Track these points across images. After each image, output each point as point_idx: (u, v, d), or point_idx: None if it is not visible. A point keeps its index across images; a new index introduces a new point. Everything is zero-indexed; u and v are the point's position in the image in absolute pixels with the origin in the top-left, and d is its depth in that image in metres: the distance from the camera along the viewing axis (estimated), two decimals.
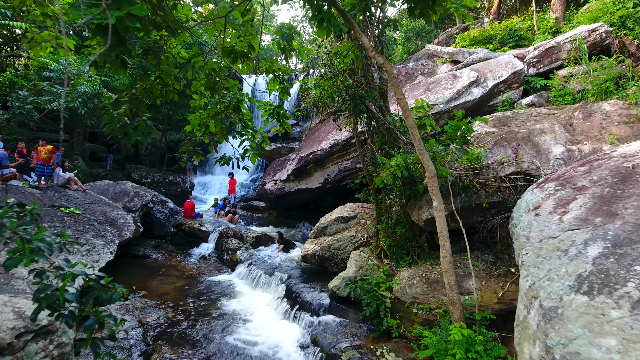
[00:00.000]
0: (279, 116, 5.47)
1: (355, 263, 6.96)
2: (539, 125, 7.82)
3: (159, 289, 8.35)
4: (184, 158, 4.36)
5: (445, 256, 4.61)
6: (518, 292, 5.50)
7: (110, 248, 7.60)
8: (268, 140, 5.63)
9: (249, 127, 5.45)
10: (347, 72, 6.67)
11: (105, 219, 8.53)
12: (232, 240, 10.65)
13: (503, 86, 10.61)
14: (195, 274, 9.39)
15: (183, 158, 4.36)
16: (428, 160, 4.56)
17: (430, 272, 6.18)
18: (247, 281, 8.48)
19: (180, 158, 4.35)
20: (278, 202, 13.33)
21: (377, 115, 6.60)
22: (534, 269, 3.69)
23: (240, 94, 5.23)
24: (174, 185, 16.54)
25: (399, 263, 6.98)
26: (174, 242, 12.00)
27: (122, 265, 9.95)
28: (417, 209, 6.77)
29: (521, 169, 6.58)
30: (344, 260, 7.88)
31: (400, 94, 4.57)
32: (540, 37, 15.16)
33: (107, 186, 11.53)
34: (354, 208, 9.28)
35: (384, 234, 7.34)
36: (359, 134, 7.15)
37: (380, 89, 7.05)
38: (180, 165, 4.37)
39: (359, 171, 11.31)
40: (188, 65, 5.21)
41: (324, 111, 7.73)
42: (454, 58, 13.16)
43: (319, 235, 8.56)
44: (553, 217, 4.01)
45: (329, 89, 6.67)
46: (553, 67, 11.31)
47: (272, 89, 5.50)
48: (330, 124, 12.85)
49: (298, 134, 18.07)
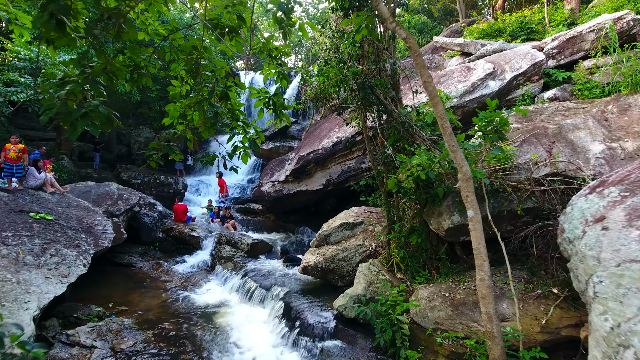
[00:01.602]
0: (275, 106, 4.54)
1: (364, 278, 6.03)
2: (569, 121, 6.91)
3: (141, 304, 7.40)
4: (153, 156, 3.43)
5: (483, 279, 3.69)
6: (564, 318, 4.60)
7: (84, 260, 6.65)
8: (263, 135, 4.70)
9: (239, 119, 4.52)
10: (355, 57, 5.75)
11: (81, 226, 7.57)
12: (226, 247, 9.71)
13: (522, 79, 9.70)
14: (184, 286, 8.44)
15: (153, 156, 3.43)
16: (462, 159, 3.64)
17: (454, 290, 5.25)
18: (241, 295, 7.55)
19: (149, 156, 3.42)
20: (276, 205, 12.39)
21: (390, 107, 5.68)
22: (615, 304, 2.76)
23: (230, 78, 4.29)
24: (165, 186, 15.57)
25: (414, 278, 6.06)
26: (162, 249, 11.04)
27: (104, 275, 9.00)
28: (436, 216, 5.85)
29: (557, 169, 5.67)
30: (349, 273, 6.96)
31: (427, 76, 3.65)
32: (555, 29, 14.32)
33: (89, 188, 10.58)
34: (360, 213, 8.36)
35: (396, 244, 6.42)
36: (368, 130, 6.22)
37: (392, 78, 6.12)
38: (150, 165, 3.44)
39: (365, 172, 10.39)
40: (165, 44, 4.27)
41: (327, 104, 6.80)
42: (465, 50, 12.25)
43: (322, 244, 7.63)
44: (630, 233, 3.08)
45: (334, 77, 5.73)
46: (575, 59, 10.41)
47: (268, 73, 4.57)
48: (332, 121, 11.91)
49: (297, 132, 17.14)
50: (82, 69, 3.03)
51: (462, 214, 5.58)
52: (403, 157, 4.74)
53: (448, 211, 5.71)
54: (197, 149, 3.55)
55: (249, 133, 4.68)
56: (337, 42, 6.29)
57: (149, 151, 3.45)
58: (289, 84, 4.16)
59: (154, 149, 3.46)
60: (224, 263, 9.19)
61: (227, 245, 9.73)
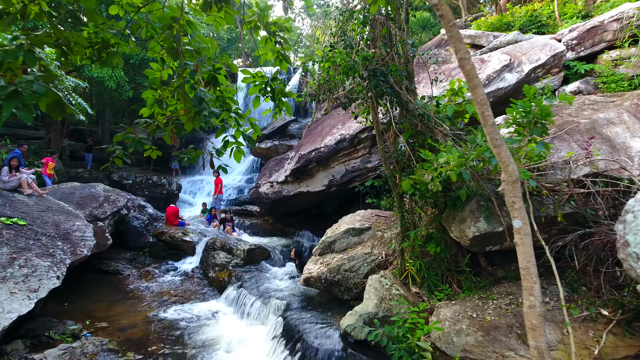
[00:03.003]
0: (274, 93, 3.80)
1: (375, 293, 5.28)
2: (602, 115, 6.18)
3: (124, 319, 6.64)
4: (117, 152, 2.68)
5: (534, 305, 2.95)
6: (620, 347, 3.87)
7: (58, 271, 5.89)
8: (259, 128, 3.96)
9: (231, 108, 3.77)
10: (366, 40, 5.00)
11: (57, 232, 6.81)
12: (220, 253, 8.96)
13: (541, 71, 8.97)
14: (173, 298, 7.68)
15: (116, 152, 2.68)
16: (508, 156, 2.90)
17: (482, 310, 4.51)
18: (236, 309, 6.80)
19: (112, 153, 2.68)
20: (274, 207, 11.63)
21: (405, 97, 4.93)
22: None
23: (219, 58, 3.54)
24: (158, 187, 14.81)
25: (432, 293, 5.33)
26: (152, 254, 10.27)
27: (86, 285, 8.24)
28: (458, 223, 5.11)
29: (597, 168, 4.93)
30: (357, 285, 6.21)
31: (464, 51, 2.91)
32: (569, 21, 13.63)
33: (73, 189, 9.80)
34: (367, 217, 7.62)
35: (410, 253, 5.67)
36: (379, 124, 5.48)
37: (405, 65, 5.37)
38: (115, 162, 2.69)
39: (370, 172, 9.64)
40: (140, 17, 3.52)
41: (332, 96, 6.05)
42: (476, 42, 11.52)
43: (325, 252, 6.88)
44: None
45: (342, 62, 4.99)
46: (596, 50, 9.70)
47: (264, 54, 3.82)
48: (335, 117, 11.16)
49: (297, 130, 16.38)
50: (14, 36, 2.28)
51: (489, 220, 4.85)
52: (428, 154, 3.98)
53: (472, 217, 4.97)
54: (176, 143, 2.79)
55: (242, 126, 3.94)
56: (344, 25, 5.55)
57: (112, 146, 2.70)
58: (290, 65, 3.34)
59: (119, 143, 2.71)
60: (218, 271, 8.43)
61: (222, 252, 8.97)
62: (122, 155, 2.67)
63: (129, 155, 2.73)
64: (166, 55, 3.68)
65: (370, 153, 9.64)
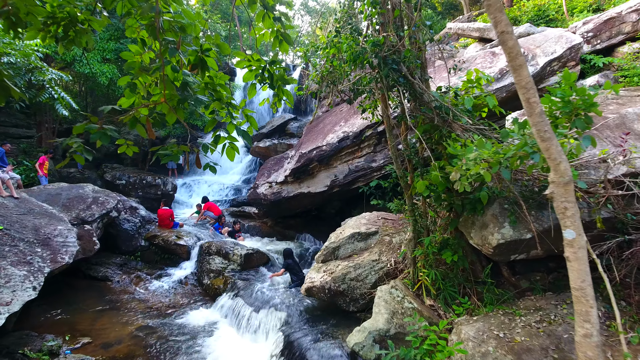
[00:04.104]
0: (273, 80, 3.25)
1: (385, 306, 4.74)
2: (631, 109, 5.66)
3: (110, 332, 6.09)
4: (74, 146, 2.14)
5: (590, 334, 2.42)
6: None
7: (35, 281, 5.34)
8: (255, 121, 3.42)
9: (222, 97, 3.23)
10: (376, 24, 4.46)
11: (37, 237, 6.25)
12: (215, 258, 8.41)
13: (557, 64, 8.45)
14: (164, 308, 7.13)
15: (74, 146, 2.14)
16: (559, 152, 2.37)
17: (509, 328, 3.97)
18: (232, 322, 6.25)
19: (68, 149, 2.13)
20: (273, 209, 11.07)
21: (419, 88, 4.39)
22: None
23: (207, 37, 2.99)
24: (152, 187, 14.23)
25: (448, 306, 4.79)
26: (144, 259, 9.71)
27: (73, 292, 7.71)
28: (479, 228, 4.57)
29: (635, 167, 4.40)
30: (363, 296, 5.68)
31: (505, 24, 2.37)
32: (580, 15, 13.13)
33: (60, 190, 9.24)
34: (373, 220, 7.08)
35: (424, 262, 5.14)
36: (390, 118, 4.94)
37: (418, 53, 4.83)
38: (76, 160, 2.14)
39: (375, 171, 9.10)
40: None
41: (335, 89, 5.51)
42: (485, 35, 11.00)
43: (329, 259, 6.33)
44: None
45: (349, 49, 4.44)
46: (613, 43, 9.19)
47: (261, 34, 3.28)
48: (337, 114, 10.62)
49: (297, 129, 15.83)
50: None
51: (516, 226, 4.32)
52: (457, 147, 3.42)
53: (495, 222, 4.44)
54: (152, 136, 2.24)
55: (236, 119, 3.40)
56: (349, 9, 5.00)
57: (70, 139, 2.15)
58: (291, 45, 2.80)
59: (78, 136, 2.16)
60: (213, 278, 7.88)
61: (217, 257, 8.42)
62: (81, 150, 2.12)
63: (90, 151, 2.19)
64: (148, 36, 3.15)
65: (374, 152, 9.10)
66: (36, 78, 8.36)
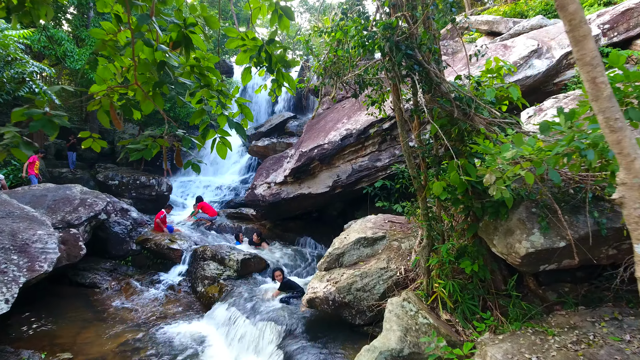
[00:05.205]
0: (271, 62, 2.74)
1: (397, 322, 4.23)
2: None
3: (92, 348, 5.58)
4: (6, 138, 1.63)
5: None
6: None
7: (8, 293, 4.82)
8: (250, 112, 2.91)
9: (210, 83, 2.72)
10: (387, 4, 3.95)
11: (14, 243, 5.72)
12: (210, 264, 7.89)
13: (573, 57, 7.95)
14: (155, 319, 6.61)
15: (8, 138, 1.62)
16: (633, 146, 1.88)
17: (542, 350, 3.46)
18: (227, 334, 5.74)
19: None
20: (272, 211, 10.56)
21: (437, 76, 3.89)
22: None
23: (191, 7, 2.48)
24: (146, 188, 13.69)
25: (467, 321, 4.29)
26: (136, 264, 9.21)
27: (57, 299, 7.19)
28: (503, 235, 4.07)
29: None
30: (371, 308, 5.17)
31: None
32: (590, 9, 12.68)
33: (45, 192, 8.71)
34: (380, 223, 6.57)
35: (439, 271, 4.63)
36: (402, 111, 4.43)
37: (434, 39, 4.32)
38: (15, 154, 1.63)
39: (380, 171, 8.60)
40: None
41: (340, 80, 5.00)
42: (494, 29, 10.51)
43: (333, 267, 5.82)
44: None
45: (357, 33, 3.93)
46: (631, 35, 8.72)
47: (257, 8, 2.76)
48: (340, 110, 10.11)
49: (296, 128, 15.30)
50: None
51: (547, 233, 3.81)
52: (488, 144, 2.91)
53: (523, 228, 3.93)
54: (119, 126, 1.72)
55: (228, 109, 2.89)
56: None
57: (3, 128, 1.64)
58: (290, 25, 2.25)
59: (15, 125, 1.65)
60: (208, 285, 7.37)
61: (212, 262, 7.90)
62: (18, 143, 1.61)
63: (30, 144, 1.68)
64: (123, 12, 2.64)
65: (380, 150, 8.59)
66: (16, 71, 7.83)
